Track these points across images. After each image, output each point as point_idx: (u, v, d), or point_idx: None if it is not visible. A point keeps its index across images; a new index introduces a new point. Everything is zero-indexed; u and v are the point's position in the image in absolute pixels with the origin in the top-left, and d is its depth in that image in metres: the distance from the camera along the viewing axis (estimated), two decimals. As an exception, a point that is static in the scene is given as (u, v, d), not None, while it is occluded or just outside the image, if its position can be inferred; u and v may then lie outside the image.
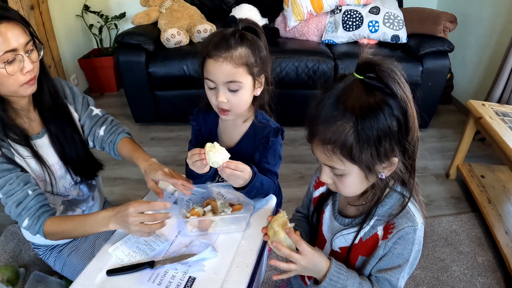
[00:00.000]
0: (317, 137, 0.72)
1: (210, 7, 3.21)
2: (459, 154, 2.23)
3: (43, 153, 1.15)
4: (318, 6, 2.85)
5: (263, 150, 1.14)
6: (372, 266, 0.81)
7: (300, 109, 2.76)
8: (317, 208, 0.95)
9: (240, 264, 0.94)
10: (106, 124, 1.32)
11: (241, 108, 1.08)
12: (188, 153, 1.03)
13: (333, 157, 0.71)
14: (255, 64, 1.03)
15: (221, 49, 0.99)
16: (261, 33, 1.09)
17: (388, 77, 0.66)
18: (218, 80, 1.02)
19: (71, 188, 1.28)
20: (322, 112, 0.70)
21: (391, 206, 0.79)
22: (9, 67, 0.97)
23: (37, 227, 1.05)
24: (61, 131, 1.20)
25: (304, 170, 2.39)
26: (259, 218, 1.09)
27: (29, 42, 1.01)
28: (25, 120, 1.12)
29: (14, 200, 1.04)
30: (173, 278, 0.90)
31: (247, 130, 1.17)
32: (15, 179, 1.04)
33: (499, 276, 1.66)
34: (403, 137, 0.70)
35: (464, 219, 1.98)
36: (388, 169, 0.74)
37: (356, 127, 0.66)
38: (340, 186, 0.77)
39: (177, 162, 2.43)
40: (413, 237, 0.76)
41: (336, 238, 0.87)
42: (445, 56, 2.62)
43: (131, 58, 2.62)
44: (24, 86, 1.03)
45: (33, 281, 1.47)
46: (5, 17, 0.95)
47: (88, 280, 0.90)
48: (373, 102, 0.66)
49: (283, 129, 1.16)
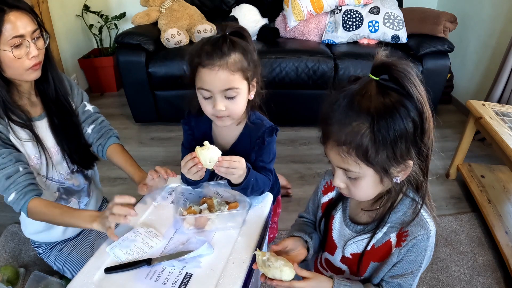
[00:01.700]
0: (332, 138, 0.70)
1: (210, 7, 3.21)
2: (459, 154, 2.23)
3: (41, 135, 1.20)
4: (318, 6, 2.85)
5: (258, 149, 1.14)
6: (384, 273, 0.81)
7: (300, 109, 2.79)
8: (325, 214, 0.93)
9: (236, 260, 0.94)
10: (95, 124, 1.35)
11: (238, 114, 1.08)
12: (181, 163, 1.02)
13: (348, 159, 0.69)
14: (248, 68, 1.02)
15: (215, 57, 0.97)
16: (249, 36, 1.08)
17: (404, 78, 0.65)
18: (214, 89, 1.00)
19: (67, 176, 1.31)
20: (336, 113, 0.69)
21: (404, 213, 0.79)
22: (16, 51, 1.05)
23: (21, 203, 1.09)
24: (61, 118, 1.24)
25: (304, 170, 2.39)
26: (255, 215, 1.10)
27: (36, 30, 1.08)
28: (26, 102, 1.18)
29: (5, 174, 1.08)
30: (170, 275, 0.90)
31: (241, 131, 1.17)
32: (7, 154, 1.09)
33: (499, 276, 1.66)
34: (418, 139, 0.69)
35: (464, 219, 1.97)
36: (403, 173, 0.73)
37: (372, 128, 0.65)
38: (354, 190, 0.76)
39: (177, 162, 2.40)
40: (426, 244, 0.76)
41: (348, 245, 0.87)
42: (445, 56, 2.62)
43: (131, 58, 2.62)
44: (29, 71, 1.10)
45: (33, 281, 1.47)
46: (15, 6, 1.04)
47: (87, 278, 0.90)
48: (389, 103, 0.65)
49: (277, 127, 1.16)
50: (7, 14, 1.01)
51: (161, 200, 1.18)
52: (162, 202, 1.17)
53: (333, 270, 0.94)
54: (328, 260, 0.94)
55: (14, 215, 1.90)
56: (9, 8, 1.02)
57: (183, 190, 1.15)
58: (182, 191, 1.14)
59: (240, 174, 1.00)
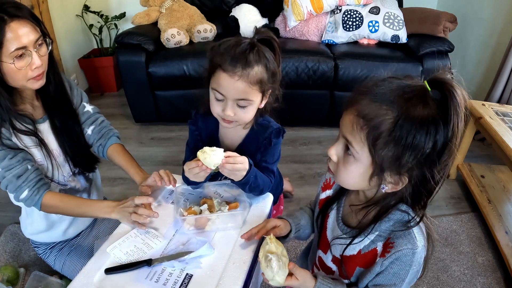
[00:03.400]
0: (356, 106, 0.69)
1: (210, 7, 3.20)
2: (459, 154, 2.23)
3: (43, 138, 1.19)
4: (318, 6, 2.85)
5: (263, 150, 1.14)
6: (368, 280, 0.81)
7: (300, 109, 2.77)
8: (322, 211, 0.94)
9: (237, 261, 0.94)
10: (95, 125, 1.34)
11: (246, 121, 1.08)
12: (184, 167, 1.01)
13: (357, 133, 0.68)
14: (268, 81, 1.02)
15: (239, 65, 0.95)
16: (278, 47, 1.05)
17: (452, 104, 0.64)
18: (229, 95, 0.99)
19: (69, 178, 1.30)
20: (377, 89, 0.68)
21: (394, 223, 0.77)
22: (18, 62, 1.01)
23: (36, 198, 1.10)
24: (62, 120, 1.24)
25: (304, 170, 2.39)
26: (255, 215, 1.10)
27: (39, 38, 1.04)
28: (29, 106, 1.17)
29: (14, 174, 1.08)
30: (170, 275, 0.90)
31: (248, 132, 1.17)
32: (14, 155, 1.08)
33: (499, 276, 1.66)
34: (428, 163, 0.67)
35: (464, 219, 1.97)
36: (392, 186, 0.71)
37: (396, 121, 0.65)
38: (342, 169, 0.74)
39: (177, 162, 2.42)
40: (411, 259, 0.74)
41: (332, 244, 0.87)
42: (445, 56, 2.62)
43: (131, 58, 2.62)
44: (32, 81, 1.06)
45: (33, 281, 1.47)
46: (16, 15, 0.98)
47: (87, 279, 0.90)
48: (425, 114, 0.64)
49: (284, 129, 1.16)
50: (8, 24, 0.96)
51: (161, 200, 1.18)
52: (162, 203, 1.17)
53: (325, 269, 0.94)
54: (321, 259, 0.94)
55: (14, 215, 1.90)
56: (10, 17, 0.97)
57: (183, 190, 1.15)
58: (182, 192, 1.14)
59: (243, 175, 1.01)
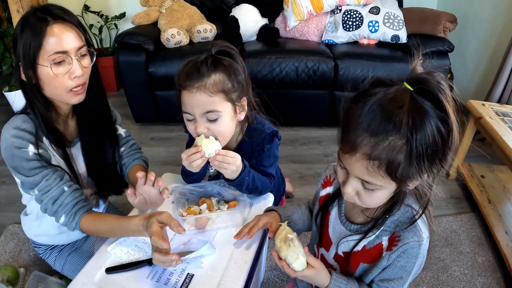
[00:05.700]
0: (362, 151, 0.65)
1: (210, 7, 3.21)
2: (459, 154, 2.23)
3: (72, 161, 1.13)
4: (318, 6, 2.85)
5: (258, 155, 1.14)
6: (374, 275, 0.81)
7: (300, 109, 2.77)
8: (322, 208, 0.94)
9: (238, 261, 0.94)
10: (125, 147, 1.30)
11: (225, 136, 1.04)
12: (182, 155, 1.01)
13: (376, 173, 0.65)
14: (232, 89, 0.99)
15: (193, 78, 0.95)
16: (237, 54, 1.03)
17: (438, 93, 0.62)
18: (194, 111, 0.97)
19: (90, 197, 1.27)
20: (370, 123, 0.64)
21: (399, 217, 0.78)
22: (56, 68, 0.94)
23: (73, 224, 1.04)
24: (99, 141, 1.17)
25: (304, 170, 2.39)
26: (256, 215, 1.09)
27: (82, 47, 0.98)
28: (61, 126, 1.10)
29: (50, 197, 1.02)
30: (171, 275, 0.90)
31: (241, 138, 1.16)
32: (51, 175, 1.02)
33: (499, 276, 1.66)
34: (440, 154, 0.67)
35: (464, 219, 1.97)
36: (415, 182, 0.71)
37: (409, 144, 0.62)
38: (366, 198, 0.72)
39: (177, 162, 2.41)
40: (417, 251, 0.76)
41: (341, 243, 0.87)
42: (445, 56, 2.62)
43: (131, 58, 2.62)
44: (71, 94, 0.99)
45: (33, 281, 1.46)
46: (61, 18, 0.93)
47: (88, 278, 0.90)
48: (426, 118, 0.62)
49: (278, 133, 1.14)
50: (51, 26, 0.91)
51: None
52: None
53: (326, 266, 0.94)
54: (323, 256, 0.95)
55: (14, 215, 1.90)
56: (54, 19, 0.91)
57: (183, 190, 1.15)
58: (182, 192, 1.14)
59: (233, 170, 1.00)
